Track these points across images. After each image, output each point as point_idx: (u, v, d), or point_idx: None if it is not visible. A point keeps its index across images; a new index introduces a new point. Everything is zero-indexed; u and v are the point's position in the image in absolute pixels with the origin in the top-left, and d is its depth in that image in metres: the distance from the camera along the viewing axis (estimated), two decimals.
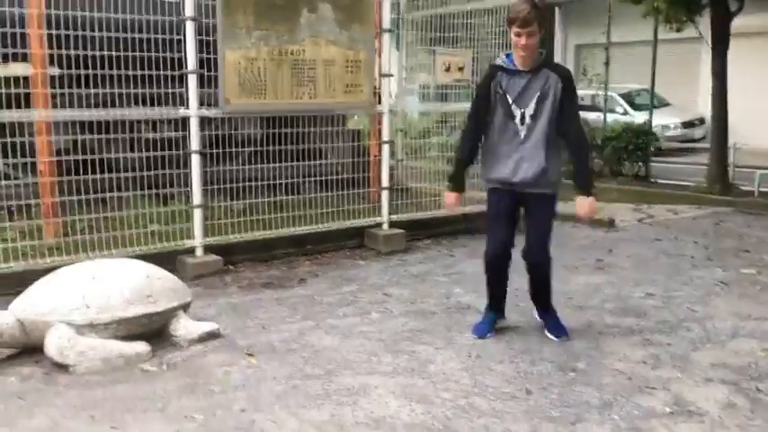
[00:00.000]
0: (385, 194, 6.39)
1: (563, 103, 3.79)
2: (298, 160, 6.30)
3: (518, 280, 4.28)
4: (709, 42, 9.26)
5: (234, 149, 5.91)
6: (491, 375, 3.56)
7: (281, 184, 6.13)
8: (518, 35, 3.71)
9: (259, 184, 6.01)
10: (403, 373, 3.59)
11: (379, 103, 6.31)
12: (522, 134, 3.82)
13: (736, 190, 9.35)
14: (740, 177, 9.45)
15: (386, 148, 6.35)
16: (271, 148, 6.00)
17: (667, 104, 16.66)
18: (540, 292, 4.16)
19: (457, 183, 4.06)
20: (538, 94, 3.77)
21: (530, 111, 3.79)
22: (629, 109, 15.98)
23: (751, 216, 8.13)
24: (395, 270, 5.71)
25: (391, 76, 6.38)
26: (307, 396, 3.30)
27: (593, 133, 11.07)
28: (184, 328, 3.93)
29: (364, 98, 6.09)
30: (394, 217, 6.51)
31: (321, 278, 5.47)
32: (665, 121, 15.82)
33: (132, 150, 5.72)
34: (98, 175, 5.23)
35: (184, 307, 4.05)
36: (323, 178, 6.42)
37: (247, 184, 5.96)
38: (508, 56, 3.86)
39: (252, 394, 3.32)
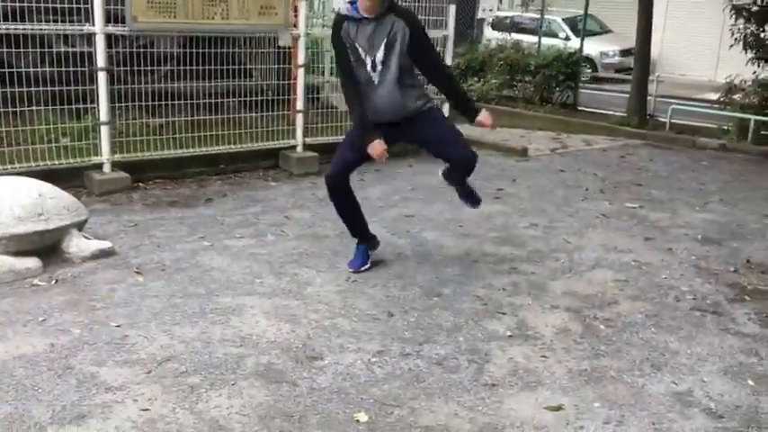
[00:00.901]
0: (299, 117, 6.51)
1: (417, 47, 3.85)
2: (217, 80, 6.36)
3: (401, 209, 4.51)
4: None
5: (149, 67, 5.91)
6: (361, 298, 3.85)
7: (199, 103, 6.20)
8: None
9: (176, 102, 6.06)
10: (280, 294, 3.85)
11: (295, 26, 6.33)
12: (376, 80, 3.86)
13: (653, 122, 9.70)
14: (662, 110, 9.72)
15: (301, 71, 6.42)
16: (188, 67, 6.02)
17: (609, 31, 16.78)
18: (463, 176, 4.24)
19: (373, 130, 3.93)
20: (385, 39, 3.80)
21: (379, 57, 3.84)
22: (571, 34, 16.04)
23: (658, 150, 8.51)
24: (302, 193, 5.91)
25: None
26: (183, 314, 3.55)
27: (526, 59, 11.24)
28: (77, 245, 4.10)
29: (279, 20, 6.11)
30: (308, 140, 6.66)
31: (229, 198, 5.64)
32: (603, 48, 16.02)
33: (43, 64, 5.69)
34: (7, 89, 5.21)
35: (79, 225, 4.20)
36: (243, 99, 6.49)
37: (163, 102, 6.01)
38: (352, 3, 3.84)
39: (131, 311, 3.55)
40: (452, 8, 7.34)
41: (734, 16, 9.01)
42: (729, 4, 9.05)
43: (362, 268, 4.23)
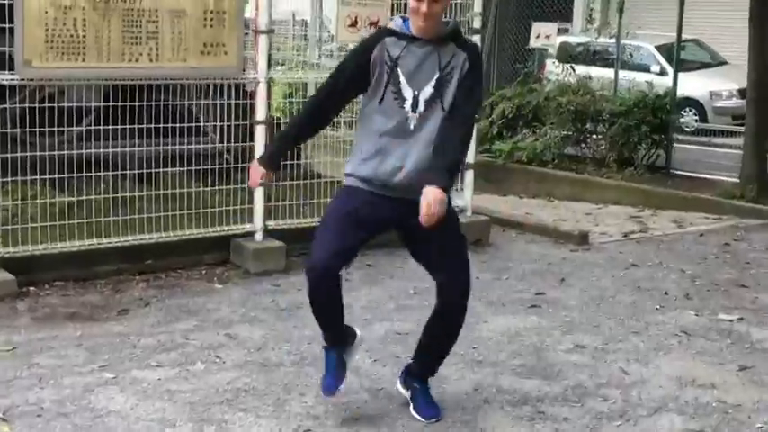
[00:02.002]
0: (258, 193, 6.66)
1: (464, 85, 3.98)
2: (150, 142, 6.59)
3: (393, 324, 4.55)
4: None
5: (55, 128, 6.14)
6: None
7: (123, 174, 6.41)
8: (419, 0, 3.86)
9: (91, 174, 6.27)
10: None
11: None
12: (412, 125, 3.98)
13: None
14: None
15: (261, 130, 6.62)
16: (110, 126, 6.28)
17: (724, 63, 17.02)
18: (437, 351, 4.38)
19: (271, 159, 4.19)
20: (437, 74, 3.93)
21: (426, 94, 3.97)
22: (667, 67, 16.22)
23: None
24: (259, 299, 6.00)
25: (271, 32, 6.64)
26: None
27: (597, 105, 11.42)
28: None
29: (230, 62, 6.36)
30: (272, 223, 6.80)
31: (152, 308, 5.75)
32: (715, 87, 16.22)
33: None
34: None
35: None
36: (185, 168, 6.71)
37: (74, 174, 6.21)
38: (405, 20, 4.00)
39: None
40: (477, 39, 7.56)
41: None
42: None
43: (341, 387, 4.23)
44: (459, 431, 4.16)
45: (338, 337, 4.32)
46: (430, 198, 3.75)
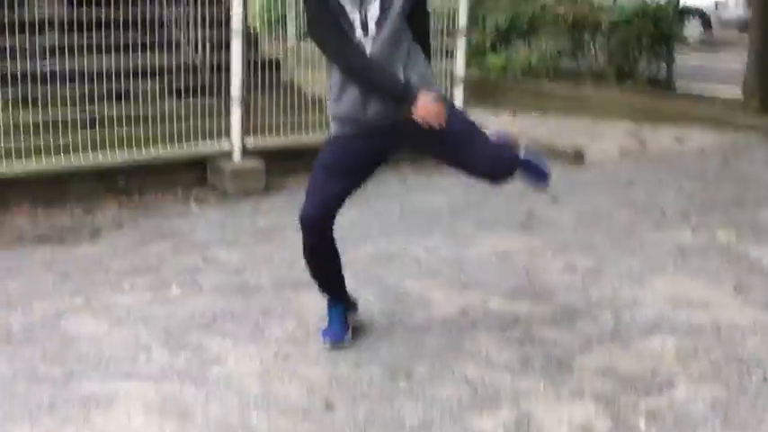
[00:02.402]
0: (236, 109, 6.63)
1: (416, 8, 3.99)
2: (120, 54, 6.53)
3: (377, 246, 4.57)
4: None
5: (18, 39, 6.07)
6: (292, 382, 3.90)
7: (91, 90, 6.36)
8: None
9: (57, 89, 6.21)
10: (172, 377, 3.92)
11: None
12: (368, 47, 3.98)
13: None
14: None
15: (237, 41, 6.55)
16: (76, 37, 6.20)
17: None
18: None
19: (409, 85, 3.94)
20: None
21: (373, 15, 3.95)
22: None
23: None
24: (237, 221, 6.02)
25: None
26: (24, 408, 3.61)
27: (595, 14, 11.33)
28: None
29: None
30: (251, 141, 6.77)
31: (126, 230, 5.77)
32: None
33: None
34: None
35: None
36: (158, 83, 6.65)
37: (39, 90, 6.16)
38: None
39: None
40: None
41: None
42: None
43: (345, 339, 4.28)
44: (445, 355, 4.19)
45: (339, 295, 4.38)
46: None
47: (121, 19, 6.30)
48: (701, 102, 10.18)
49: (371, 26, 3.94)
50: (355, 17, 3.93)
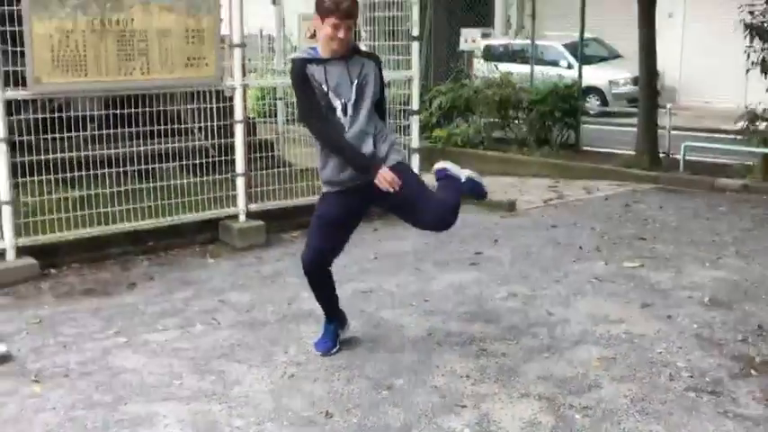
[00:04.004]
0: (240, 181, 6.64)
1: (380, 84, 4.18)
2: (146, 142, 6.53)
3: (358, 284, 4.58)
4: None
5: (65, 134, 6.05)
6: (297, 397, 3.89)
7: (124, 171, 6.34)
8: (335, 27, 3.92)
9: (97, 172, 6.19)
10: (201, 397, 3.89)
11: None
12: (347, 125, 4.08)
13: (667, 162, 9.87)
14: (679, 146, 9.75)
15: (240, 128, 6.59)
16: (112, 130, 6.20)
17: (618, 56, 17.19)
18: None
19: (372, 157, 4.05)
20: (356, 81, 4.05)
21: (351, 99, 4.06)
22: (573, 62, 16.39)
23: (670, 194, 8.66)
24: (244, 270, 5.99)
25: (243, 46, 6.58)
26: (83, 429, 3.57)
27: (517, 95, 11.48)
28: None
29: (210, 72, 6.30)
30: (253, 206, 6.78)
31: (156, 282, 5.72)
32: (613, 76, 16.39)
33: None
34: None
35: None
36: (177, 163, 6.65)
37: (83, 172, 6.12)
38: (313, 48, 4.09)
39: (21, 429, 3.57)
40: (416, 45, 7.57)
41: (747, 36, 9.27)
42: (741, 22, 9.32)
43: (333, 351, 4.36)
44: (418, 369, 4.20)
45: (333, 313, 4.45)
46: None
47: (147, 113, 6.31)
48: (603, 160, 10.30)
49: (350, 109, 4.07)
50: (337, 103, 4.06)
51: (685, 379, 4.04)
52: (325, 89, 4.03)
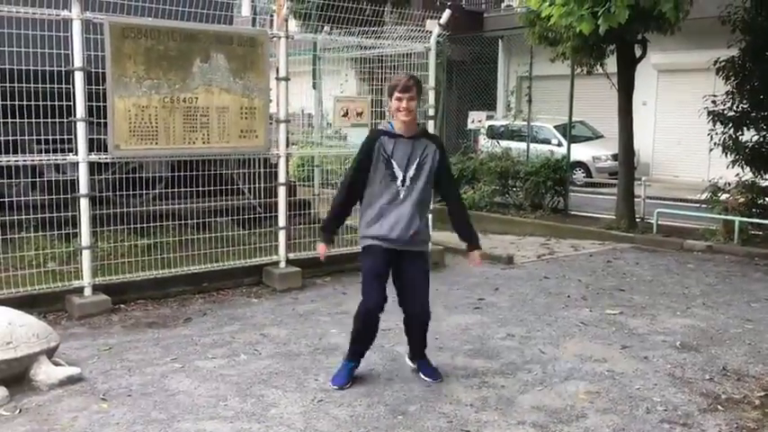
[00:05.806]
0: (282, 234, 6.64)
1: (441, 170, 4.18)
2: (204, 200, 6.59)
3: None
4: (616, 85, 9.73)
5: (138, 191, 6.12)
6: (325, 419, 3.81)
7: (185, 223, 6.39)
8: (399, 99, 4.03)
9: (163, 223, 6.24)
10: (243, 417, 3.82)
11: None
12: (402, 195, 4.11)
13: (642, 225, 9.78)
14: (652, 212, 9.70)
15: (282, 190, 6.61)
16: (176, 189, 6.26)
17: (600, 136, 17.22)
18: (421, 343, 4.42)
19: (328, 238, 4.32)
20: (418, 159, 4.09)
21: (411, 174, 4.10)
22: (562, 140, 16.45)
23: (645, 253, 8.54)
24: (283, 309, 5.95)
25: (288, 122, 6.66)
26: None
27: (515, 167, 11.48)
28: (45, 373, 4.12)
29: (259, 143, 6.37)
30: (291, 255, 6.77)
31: (208, 317, 5.68)
32: (595, 153, 16.40)
33: (34, 192, 5.95)
34: None
35: (48, 352, 4.24)
36: (229, 218, 6.68)
37: (151, 224, 6.19)
38: (390, 124, 4.16)
39: None
40: (431, 123, 7.61)
41: (710, 121, 9.27)
42: (705, 109, 9.34)
43: (346, 386, 4.24)
44: (429, 397, 4.12)
45: (360, 354, 4.37)
46: (475, 255, 4.30)
47: (205, 176, 6.37)
48: (588, 222, 10.21)
49: (408, 181, 4.10)
50: (399, 174, 4.08)
51: (660, 412, 3.92)
52: (393, 161, 4.07)
